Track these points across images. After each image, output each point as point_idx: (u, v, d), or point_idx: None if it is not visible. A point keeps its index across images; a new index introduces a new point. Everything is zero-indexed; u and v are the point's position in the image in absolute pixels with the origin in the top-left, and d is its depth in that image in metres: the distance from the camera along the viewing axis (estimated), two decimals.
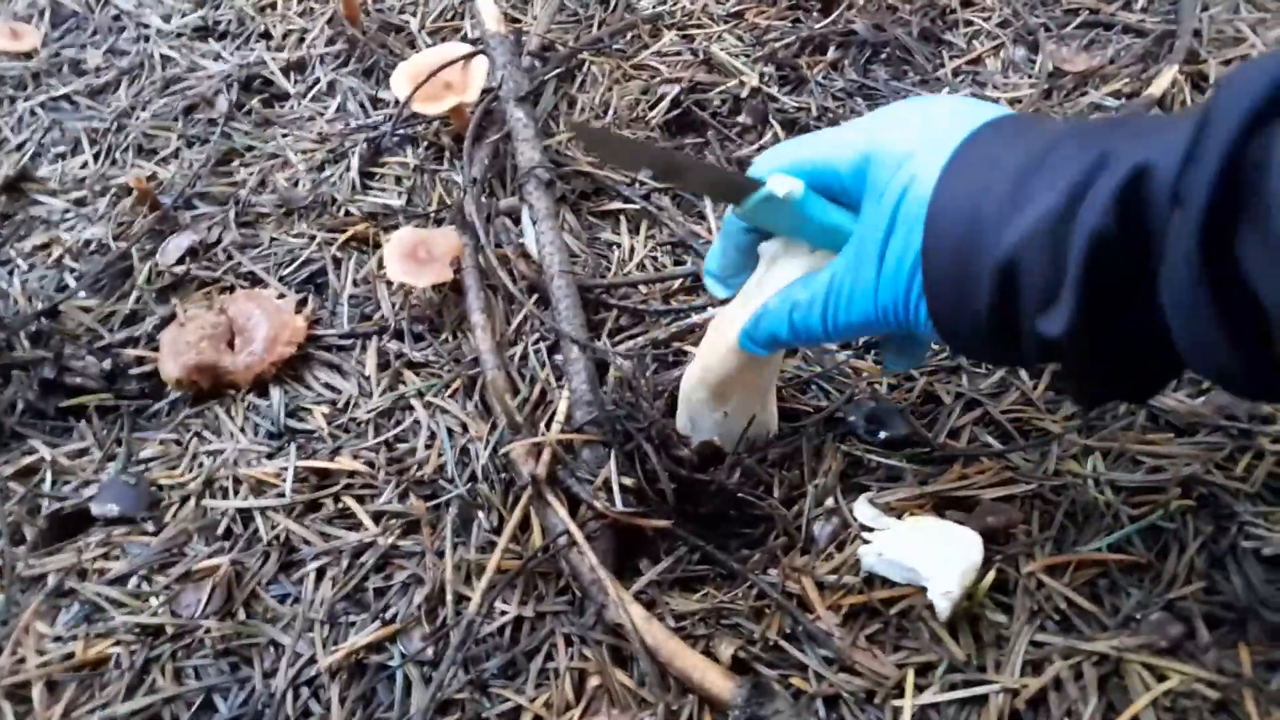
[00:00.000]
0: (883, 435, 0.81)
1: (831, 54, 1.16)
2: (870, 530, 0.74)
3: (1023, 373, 0.84)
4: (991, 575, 0.69)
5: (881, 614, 0.71)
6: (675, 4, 1.24)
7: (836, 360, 0.87)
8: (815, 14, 1.21)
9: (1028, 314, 0.55)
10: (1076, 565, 0.71)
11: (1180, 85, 1.04)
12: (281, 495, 0.83)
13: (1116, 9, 1.16)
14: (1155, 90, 1.00)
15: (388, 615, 0.75)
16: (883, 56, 1.15)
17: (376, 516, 0.81)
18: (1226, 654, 0.64)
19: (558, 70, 1.15)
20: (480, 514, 0.80)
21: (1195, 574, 0.69)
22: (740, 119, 1.12)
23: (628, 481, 0.77)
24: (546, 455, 0.80)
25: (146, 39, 1.25)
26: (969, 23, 1.18)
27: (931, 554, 0.68)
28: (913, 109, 0.63)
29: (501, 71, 1.09)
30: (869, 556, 0.71)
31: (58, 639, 0.76)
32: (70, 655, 0.75)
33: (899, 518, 0.75)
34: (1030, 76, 1.11)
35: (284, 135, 1.13)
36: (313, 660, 0.73)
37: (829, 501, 0.77)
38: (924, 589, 0.68)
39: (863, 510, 0.74)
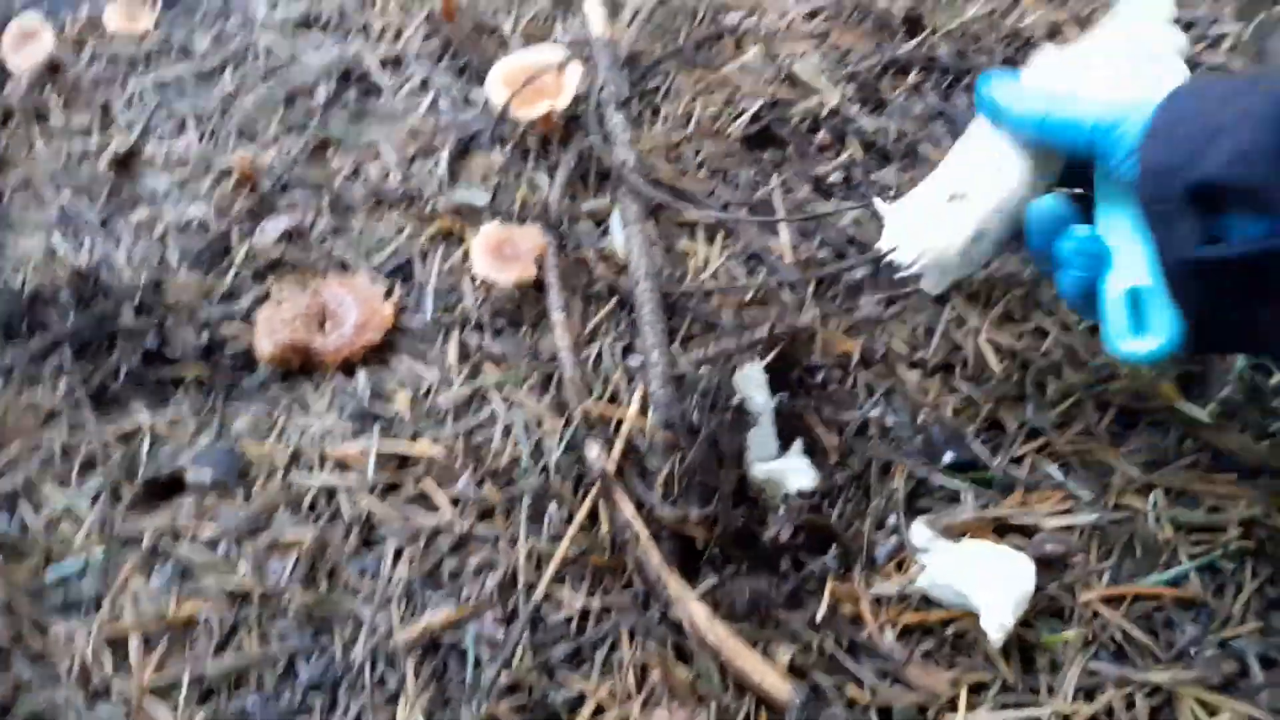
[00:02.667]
0: (947, 457, 0.83)
1: (913, 78, 1.18)
2: (924, 552, 0.76)
3: (1088, 405, 0.85)
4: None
5: (937, 633, 0.73)
6: (761, 19, 1.26)
7: (905, 381, 0.89)
8: (900, 37, 1.23)
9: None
10: (1133, 598, 0.73)
11: None
12: (364, 474, 0.87)
13: (1202, 50, 1.16)
14: None
15: (462, 596, 0.79)
16: (964, 83, 1.17)
17: (453, 501, 0.85)
18: (1279, 694, 0.66)
19: (644, 80, 1.18)
20: (552, 505, 0.83)
21: (1251, 614, 0.71)
22: (819, 137, 1.14)
23: (690, 485, 0.80)
24: (617, 453, 0.83)
25: (252, 27, 1.30)
26: None
27: (985, 581, 0.70)
28: None
29: (604, 74, 1.12)
30: (924, 579, 0.73)
31: (152, 596, 0.81)
32: (163, 613, 0.80)
33: (958, 539, 0.77)
34: None
35: (378, 128, 1.18)
36: (390, 634, 0.77)
37: (891, 520, 0.79)
38: (976, 614, 0.70)
39: (919, 533, 0.77)
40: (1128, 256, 0.69)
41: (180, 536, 0.85)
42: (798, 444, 0.86)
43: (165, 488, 0.89)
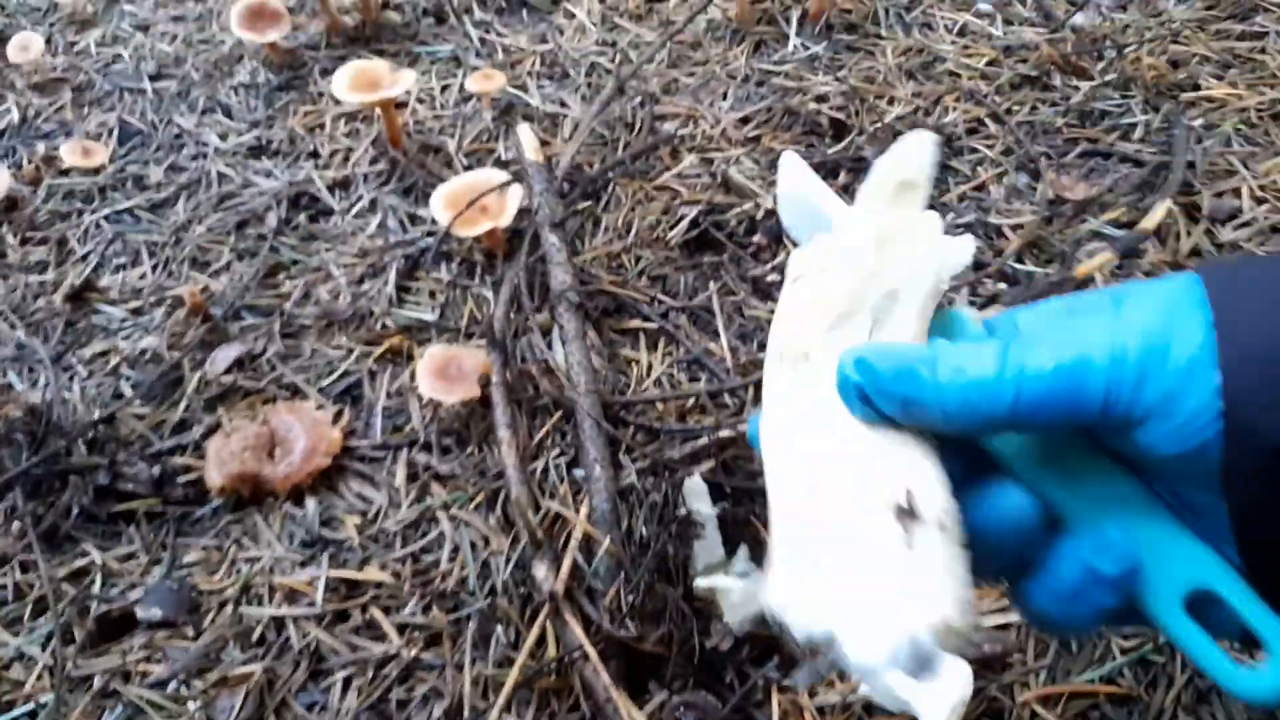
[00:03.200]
0: None
1: (842, 178, 1.23)
2: None
3: None
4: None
5: None
6: (696, 128, 1.31)
7: None
8: (828, 139, 1.28)
9: None
10: (1069, 696, 0.74)
11: (1175, 216, 1.09)
12: (312, 604, 0.88)
13: (1115, 139, 1.22)
14: (1149, 224, 1.05)
15: None
16: None
17: (401, 628, 0.85)
18: None
19: (586, 192, 1.23)
20: (499, 628, 0.84)
21: (1182, 708, 0.72)
22: (756, 239, 1.18)
23: (638, 602, 0.81)
24: (565, 571, 0.84)
25: (205, 156, 1.34)
26: (974, 150, 1.24)
27: (924, 687, 0.71)
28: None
29: (538, 198, 1.16)
30: (865, 686, 0.74)
31: None
32: None
33: None
34: (1032, 203, 1.16)
35: (327, 250, 1.21)
36: None
37: None
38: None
39: None
40: (1158, 554, 0.44)
41: (131, 676, 0.85)
42: (743, 551, 0.87)
43: (117, 626, 0.90)
